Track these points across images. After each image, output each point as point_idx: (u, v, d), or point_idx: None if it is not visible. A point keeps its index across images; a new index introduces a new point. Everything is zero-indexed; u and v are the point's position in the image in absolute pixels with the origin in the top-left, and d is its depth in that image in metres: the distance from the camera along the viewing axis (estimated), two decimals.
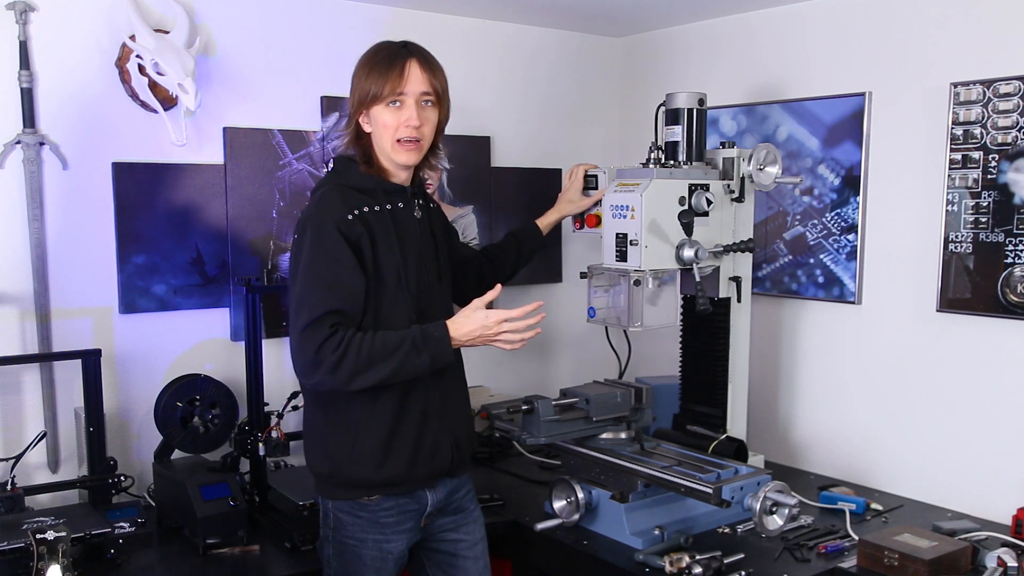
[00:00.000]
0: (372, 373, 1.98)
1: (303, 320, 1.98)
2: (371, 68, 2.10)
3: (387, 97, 2.07)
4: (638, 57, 3.66)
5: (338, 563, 2.15)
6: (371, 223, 2.07)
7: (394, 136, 2.09)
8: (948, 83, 2.62)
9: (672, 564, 2.20)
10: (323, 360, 1.96)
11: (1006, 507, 2.51)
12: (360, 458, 2.08)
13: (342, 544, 2.14)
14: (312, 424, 2.17)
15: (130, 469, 2.69)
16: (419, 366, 2.02)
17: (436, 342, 2.03)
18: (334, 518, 2.15)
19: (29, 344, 2.58)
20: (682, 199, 2.53)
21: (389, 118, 2.08)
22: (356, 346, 1.97)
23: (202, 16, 2.78)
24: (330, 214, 2.04)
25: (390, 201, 2.13)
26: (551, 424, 2.49)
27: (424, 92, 2.10)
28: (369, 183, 2.13)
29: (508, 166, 3.46)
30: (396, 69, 2.07)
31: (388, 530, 2.12)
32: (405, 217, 2.16)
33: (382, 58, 2.10)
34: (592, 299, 2.63)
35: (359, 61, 2.14)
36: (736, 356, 2.76)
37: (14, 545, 2.10)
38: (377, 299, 2.07)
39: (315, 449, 2.16)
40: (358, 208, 2.07)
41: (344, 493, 2.12)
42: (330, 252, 2.01)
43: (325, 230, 2.02)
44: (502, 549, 2.61)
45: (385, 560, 2.13)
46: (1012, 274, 2.52)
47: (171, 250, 2.77)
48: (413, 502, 2.15)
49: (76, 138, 2.61)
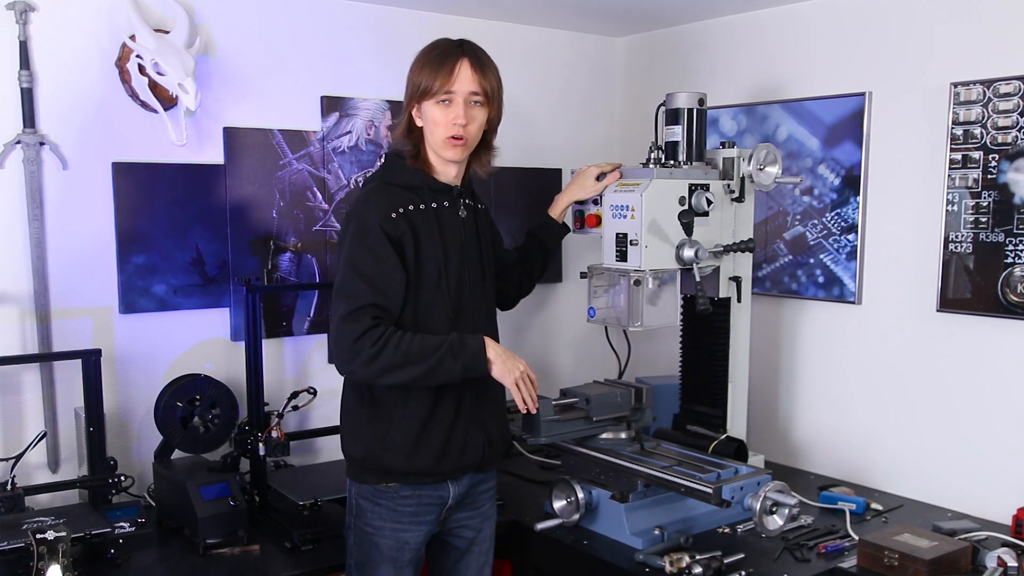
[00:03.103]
0: (405, 371, 2.02)
1: (342, 310, 2.03)
2: (425, 63, 2.15)
3: (437, 94, 2.12)
4: (638, 57, 3.66)
5: (358, 551, 2.19)
6: (415, 221, 2.12)
7: (445, 133, 2.13)
8: (948, 83, 2.62)
9: (672, 564, 2.20)
10: (360, 351, 2.01)
11: (1006, 507, 2.51)
12: (392, 447, 2.12)
13: (362, 532, 2.18)
14: (349, 409, 2.22)
15: (130, 469, 2.69)
16: (451, 372, 2.05)
17: (472, 352, 2.07)
18: (356, 505, 2.20)
19: (29, 344, 2.58)
20: (682, 199, 2.53)
21: (439, 115, 2.13)
22: (395, 343, 2.01)
23: (202, 16, 2.78)
24: (374, 212, 2.09)
25: (435, 199, 2.17)
26: (551, 424, 2.49)
27: (473, 92, 2.13)
28: (415, 180, 2.17)
29: (508, 166, 3.46)
30: (447, 67, 2.12)
31: (406, 520, 2.15)
32: (449, 216, 2.19)
33: (436, 55, 2.14)
34: (592, 299, 2.63)
35: (416, 55, 2.19)
36: (736, 356, 2.76)
37: (14, 545, 2.10)
38: (416, 295, 2.11)
39: (350, 433, 2.20)
40: (402, 206, 2.12)
41: (369, 478, 2.16)
42: (372, 248, 2.06)
43: (368, 227, 2.07)
44: (502, 549, 2.61)
45: (402, 550, 2.16)
46: (1012, 274, 2.52)
47: (171, 250, 2.77)
48: (435, 494, 2.18)
49: (76, 138, 2.61)
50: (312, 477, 2.74)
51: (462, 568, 2.31)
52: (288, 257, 2.98)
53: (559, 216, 2.71)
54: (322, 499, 2.51)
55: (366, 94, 3.10)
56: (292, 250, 2.99)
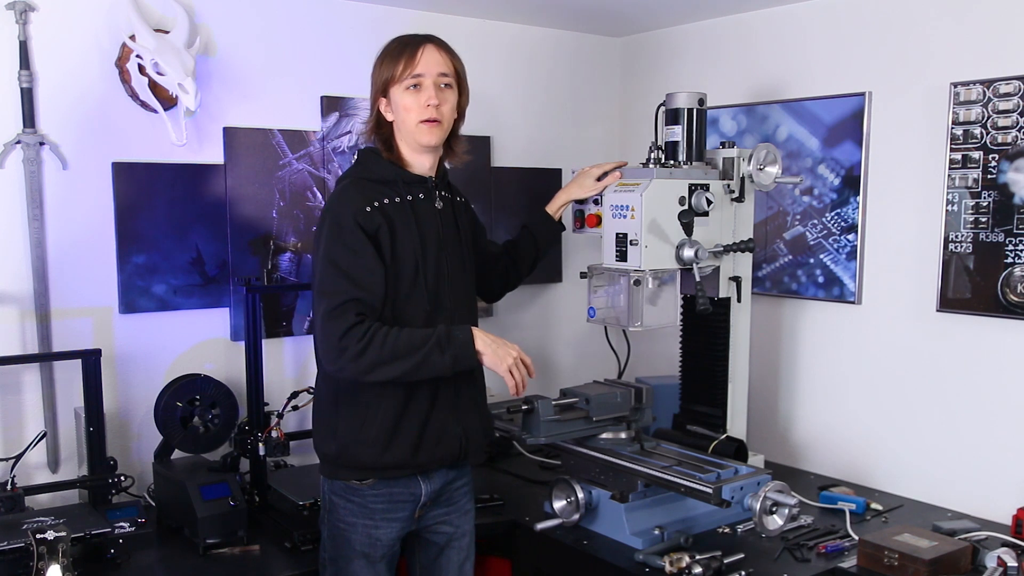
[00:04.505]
0: (394, 367, 2.01)
1: (324, 307, 2.02)
2: (386, 56, 2.16)
3: (404, 80, 2.11)
4: (638, 57, 3.66)
5: (331, 545, 2.20)
6: (390, 214, 2.10)
7: (417, 117, 2.12)
8: (948, 83, 2.62)
9: (672, 564, 2.20)
10: (347, 347, 1.99)
11: (1006, 507, 2.51)
12: (367, 441, 2.11)
13: (334, 527, 2.19)
14: (323, 405, 2.20)
15: (130, 469, 2.69)
16: (441, 365, 2.03)
17: (460, 344, 2.05)
18: (329, 500, 2.20)
19: (29, 344, 2.58)
20: (682, 199, 2.54)
21: (410, 100, 2.12)
22: (381, 338, 2.00)
23: (202, 16, 2.78)
24: (348, 207, 2.07)
25: (410, 192, 2.16)
26: (551, 424, 2.49)
27: (441, 72, 2.14)
28: (389, 173, 2.16)
29: (508, 166, 3.46)
30: (409, 51, 2.13)
31: (377, 517, 2.15)
32: (425, 208, 2.18)
33: (397, 45, 2.16)
34: (592, 299, 2.63)
35: (381, 50, 2.19)
36: (736, 356, 2.76)
37: (14, 545, 2.10)
38: (395, 288, 2.10)
39: (324, 430, 2.19)
40: (377, 200, 2.10)
41: (342, 474, 2.15)
42: (348, 244, 2.05)
43: (343, 223, 2.06)
44: (502, 549, 2.61)
45: (374, 547, 2.16)
46: (1012, 274, 2.52)
47: (171, 250, 2.77)
48: (406, 491, 2.17)
49: (76, 138, 2.60)
50: (312, 477, 2.73)
51: (443, 564, 2.31)
52: (288, 257, 2.98)
53: (556, 213, 2.69)
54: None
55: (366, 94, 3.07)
56: (292, 250, 2.99)
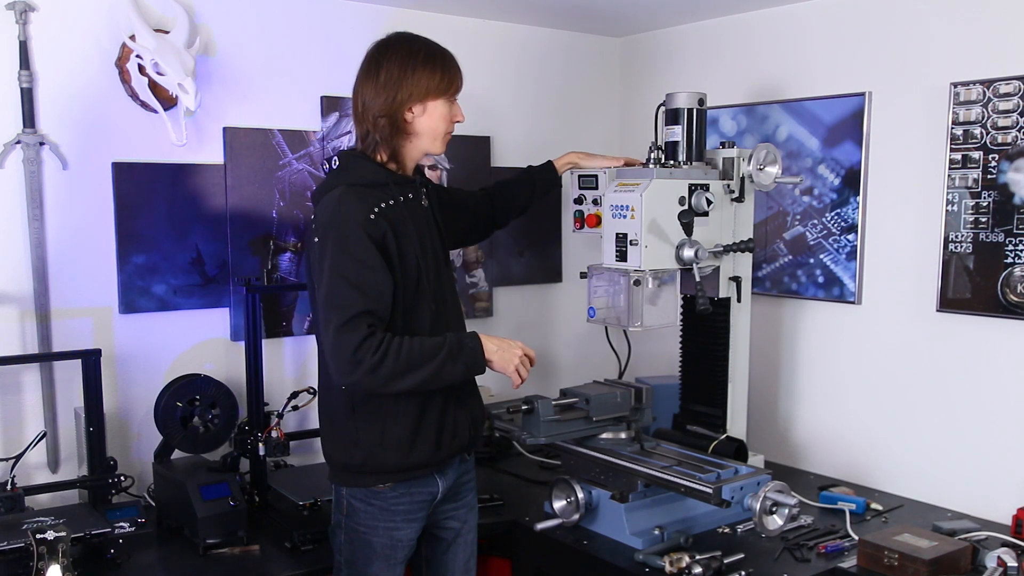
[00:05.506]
0: (408, 378, 1.99)
1: (335, 320, 1.97)
2: (424, 64, 2.12)
3: (448, 92, 2.15)
4: (638, 57, 3.66)
5: (349, 550, 2.18)
6: (392, 218, 2.08)
7: (448, 128, 2.18)
8: (948, 83, 2.62)
9: (672, 564, 2.20)
10: (362, 360, 1.95)
11: (1006, 507, 2.51)
12: (391, 445, 2.10)
13: (354, 531, 2.16)
14: (339, 416, 2.16)
15: (130, 469, 2.69)
16: (454, 374, 2.05)
17: (471, 352, 2.07)
18: (347, 505, 2.17)
19: (29, 344, 2.58)
20: (682, 199, 2.53)
21: (447, 111, 2.17)
22: (395, 350, 1.97)
23: (202, 16, 2.78)
24: (352, 215, 2.01)
25: (403, 193, 2.15)
26: (551, 424, 2.49)
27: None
28: (380, 177, 2.12)
29: (508, 166, 3.46)
30: (454, 66, 2.17)
31: (399, 518, 2.15)
32: (415, 207, 2.18)
33: (434, 54, 2.16)
34: (592, 299, 2.63)
35: (404, 55, 2.12)
36: (736, 356, 2.76)
37: (14, 545, 2.11)
38: (404, 290, 2.08)
39: (344, 440, 2.14)
40: (377, 205, 2.06)
41: (365, 480, 2.12)
42: (355, 254, 2.00)
43: (349, 232, 2.00)
44: (502, 549, 2.61)
45: (395, 548, 2.16)
46: (1012, 274, 2.52)
47: (171, 250, 2.77)
48: (426, 491, 2.17)
49: (76, 138, 2.60)
50: (312, 477, 2.74)
51: (449, 560, 2.31)
52: (288, 257, 2.98)
53: (560, 169, 2.73)
54: (322, 499, 2.51)
55: None
56: (292, 250, 2.99)
